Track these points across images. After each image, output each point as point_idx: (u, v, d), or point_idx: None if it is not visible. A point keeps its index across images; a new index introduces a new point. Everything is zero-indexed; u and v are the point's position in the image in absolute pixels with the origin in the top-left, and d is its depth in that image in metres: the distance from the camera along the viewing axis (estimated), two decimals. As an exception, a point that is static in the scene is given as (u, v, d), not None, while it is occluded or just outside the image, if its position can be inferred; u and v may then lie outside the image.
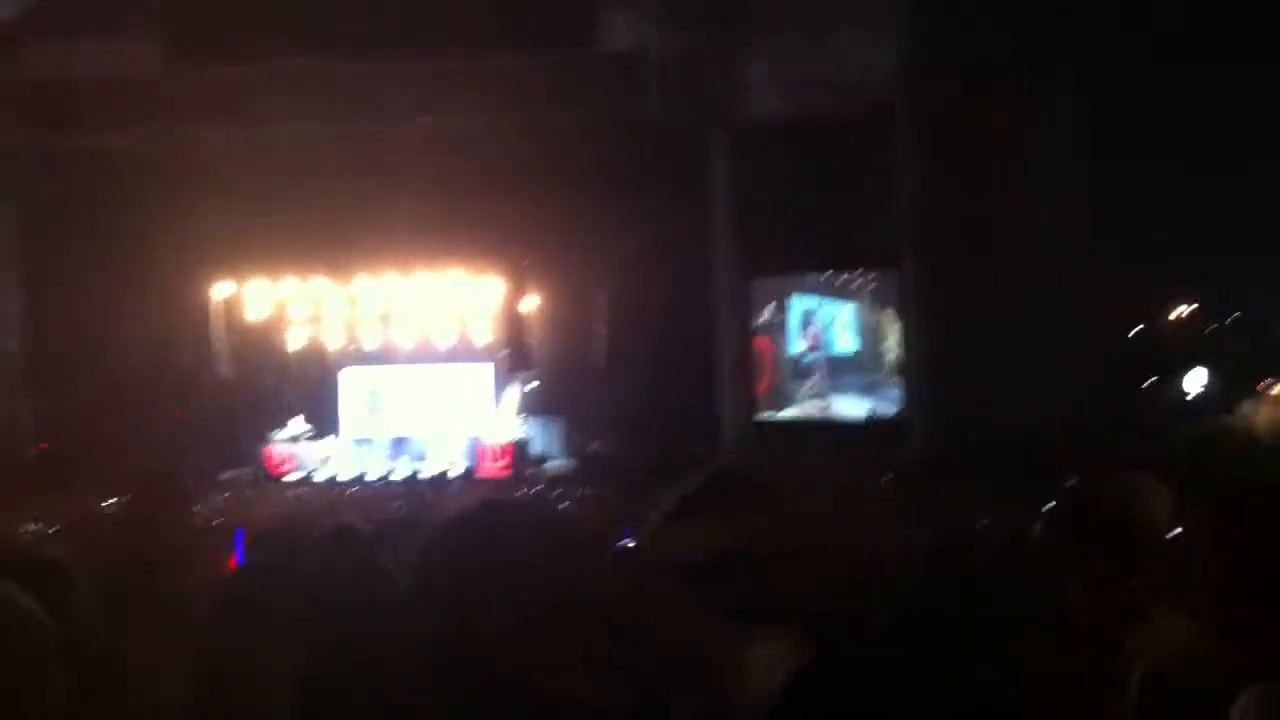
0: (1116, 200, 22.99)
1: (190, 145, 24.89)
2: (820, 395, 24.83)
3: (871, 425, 23.71)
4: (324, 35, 23.52)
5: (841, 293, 24.96)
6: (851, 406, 24.57)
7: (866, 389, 24.49)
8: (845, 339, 25.00)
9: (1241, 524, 2.80)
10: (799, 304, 25.43)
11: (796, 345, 25.40)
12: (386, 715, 2.39)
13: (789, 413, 25.08)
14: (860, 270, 24.20)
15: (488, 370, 26.88)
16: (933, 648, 3.57)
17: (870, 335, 24.52)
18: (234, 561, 5.13)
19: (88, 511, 16.34)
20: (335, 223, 24.76)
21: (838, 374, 24.90)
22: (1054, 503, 3.53)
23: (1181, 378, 29.30)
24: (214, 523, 15.14)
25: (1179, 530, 3.18)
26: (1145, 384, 28.93)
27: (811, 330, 25.29)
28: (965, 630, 3.78)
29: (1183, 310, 33.19)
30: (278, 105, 24.00)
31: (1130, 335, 31.75)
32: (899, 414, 23.29)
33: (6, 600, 1.56)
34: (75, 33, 24.14)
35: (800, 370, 25.34)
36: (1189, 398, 28.32)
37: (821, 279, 25.08)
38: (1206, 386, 28.57)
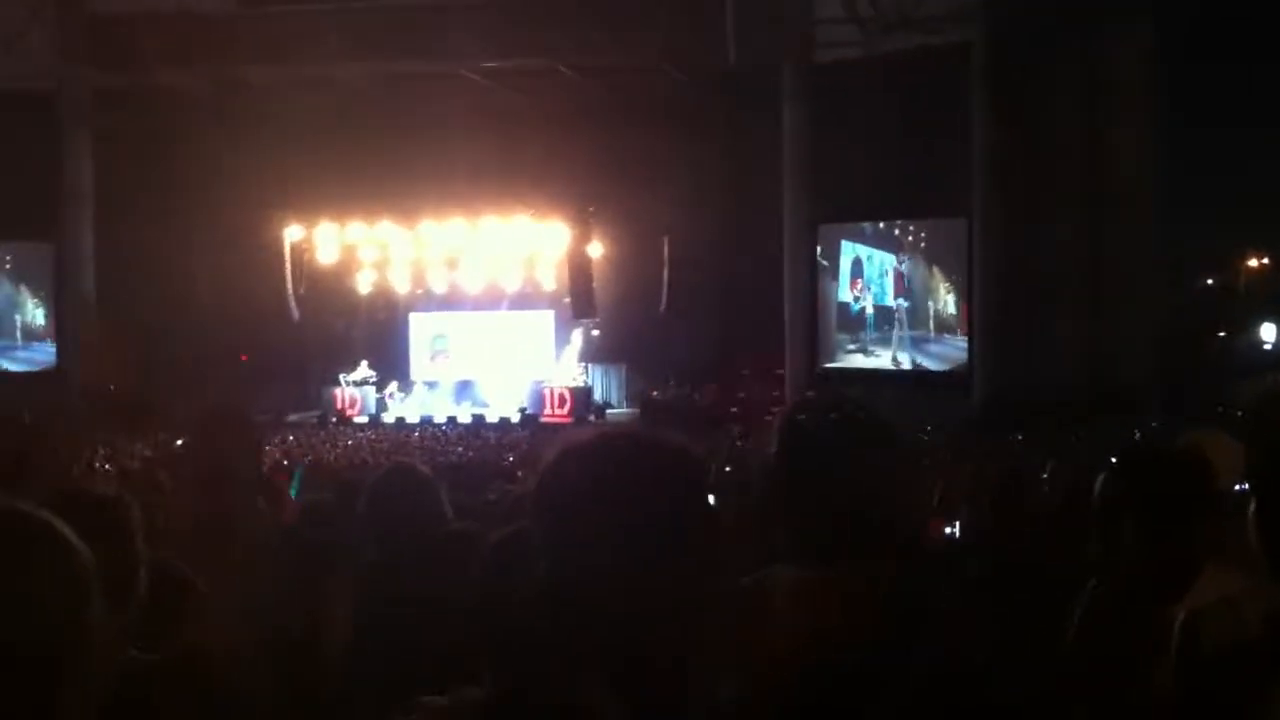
0: (1190, 152, 22.53)
1: (257, 86, 25.07)
2: (881, 346, 24.59)
3: (937, 376, 23.47)
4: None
5: (891, 245, 24.62)
6: (903, 359, 24.38)
7: (914, 343, 24.27)
8: (898, 290, 24.63)
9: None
10: (849, 251, 25.10)
11: (845, 293, 25.17)
12: (434, 651, 2.42)
13: (857, 361, 24.82)
14: (929, 218, 23.78)
15: (550, 317, 27.01)
16: (991, 586, 3.59)
17: (921, 290, 24.18)
18: (291, 499, 5.19)
19: (159, 447, 16.68)
20: (401, 167, 24.86)
21: (885, 325, 24.72)
22: (1120, 454, 3.48)
23: (1252, 332, 28.79)
24: (283, 462, 15.42)
25: (1244, 485, 3.13)
26: (1216, 337, 28.44)
27: (860, 280, 25.04)
28: (1023, 571, 3.77)
29: (1255, 263, 32.56)
30: (341, 45, 24.03)
31: (1202, 288, 31.23)
32: (963, 366, 22.99)
33: (47, 530, 1.58)
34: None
35: (851, 319, 25.18)
36: (1260, 352, 27.82)
37: (870, 230, 24.77)
38: (1277, 341, 28.06)
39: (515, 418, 24.87)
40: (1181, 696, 2.53)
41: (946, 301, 23.62)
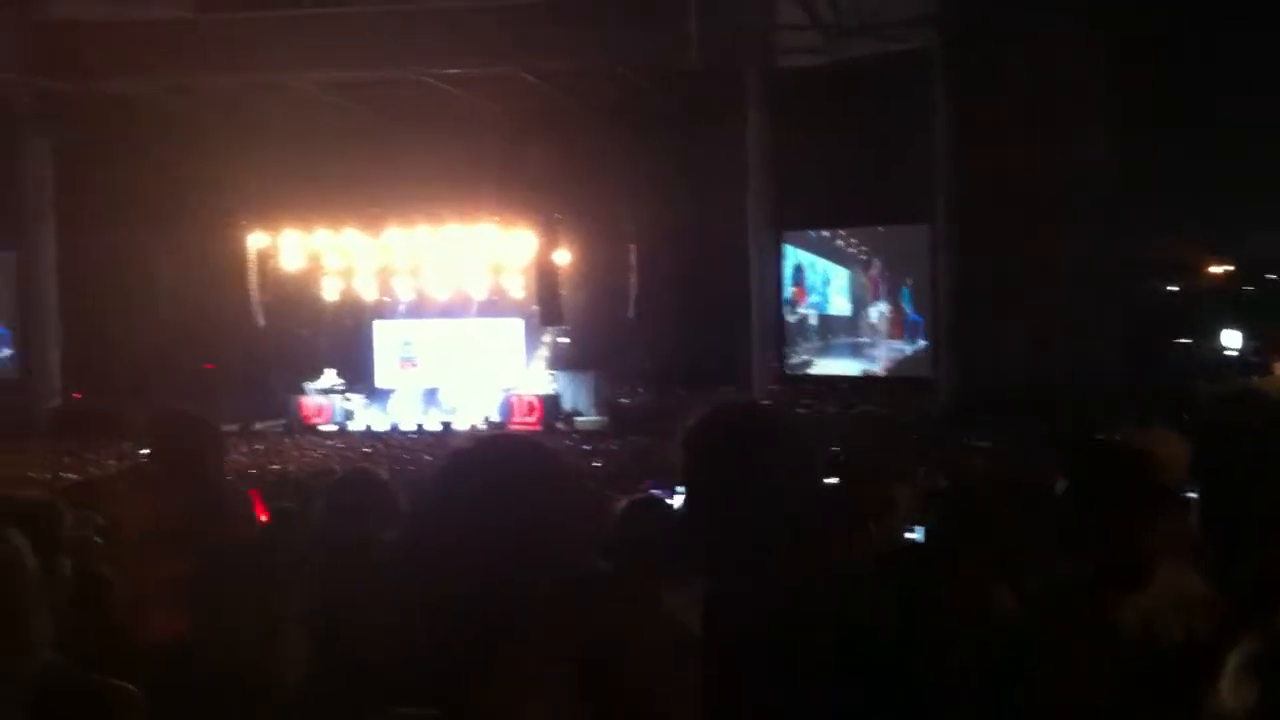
0: (1151, 155, 22.68)
1: (218, 93, 24.95)
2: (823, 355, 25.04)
3: (896, 380, 23.72)
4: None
5: (833, 254, 24.99)
6: (840, 366, 24.87)
7: (855, 350, 24.65)
8: (838, 301, 25.11)
9: (1255, 484, 2.80)
10: (792, 256, 25.52)
11: (787, 294, 25.53)
12: (391, 654, 2.42)
13: (821, 367, 25.08)
14: (892, 223, 23.99)
15: (519, 324, 26.98)
16: (943, 582, 3.61)
17: (860, 299, 24.61)
18: (255, 506, 5.16)
19: (124, 457, 16.58)
20: (366, 174, 24.78)
21: (830, 334, 25.17)
22: (1073, 450, 3.53)
23: (1214, 338, 29.03)
24: (248, 471, 15.36)
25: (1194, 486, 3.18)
26: (1176, 342, 28.69)
27: (801, 286, 25.35)
28: (974, 567, 3.80)
29: (1218, 270, 32.83)
30: (299, 52, 23.90)
31: (1165, 294, 31.47)
32: (923, 370, 23.24)
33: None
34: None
35: (791, 327, 25.60)
36: (1219, 358, 28.06)
37: (814, 236, 25.05)
38: (1237, 348, 28.30)
39: (483, 426, 24.81)
40: (1128, 696, 2.56)
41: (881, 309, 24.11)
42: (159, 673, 2.60)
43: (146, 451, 4.06)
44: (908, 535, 5.21)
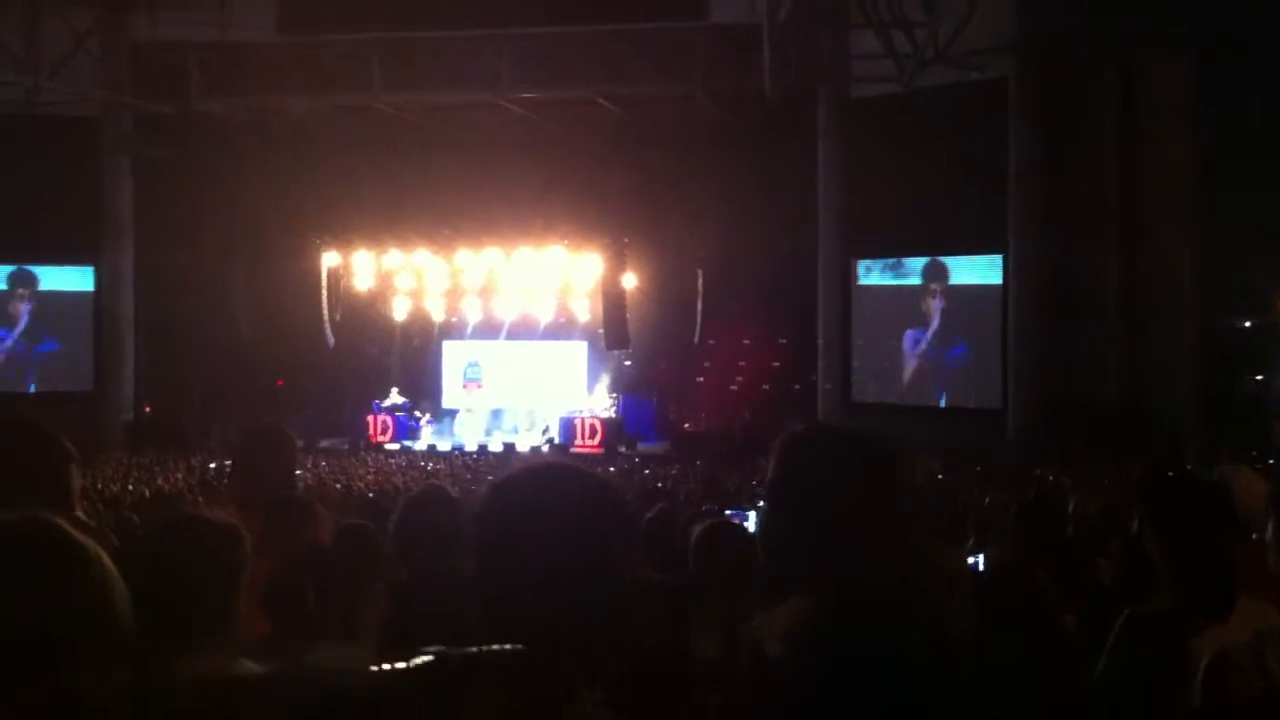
0: (1230, 186, 22.35)
1: (296, 115, 25.35)
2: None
3: (970, 411, 23.39)
4: (427, 7, 23.75)
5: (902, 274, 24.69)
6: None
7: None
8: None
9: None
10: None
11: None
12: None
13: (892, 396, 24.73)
14: (965, 253, 23.70)
15: (584, 347, 27.09)
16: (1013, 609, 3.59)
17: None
18: (326, 520, 5.21)
19: (194, 470, 16.82)
20: (438, 196, 25.06)
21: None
22: (1151, 483, 3.50)
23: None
24: (312, 486, 15.49)
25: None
26: (1254, 378, 28.20)
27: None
28: (1047, 596, 3.77)
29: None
30: (381, 75, 24.29)
31: (1240, 329, 30.95)
32: (993, 401, 22.94)
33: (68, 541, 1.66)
34: (186, 1, 24.67)
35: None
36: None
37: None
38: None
39: (545, 448, 24.87)
40: None
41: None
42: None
43: (214, 465, 4.13)
44: (969, 561, 5.18)
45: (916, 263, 24.22)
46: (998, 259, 22.72)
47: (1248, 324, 32.57)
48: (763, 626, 2.15)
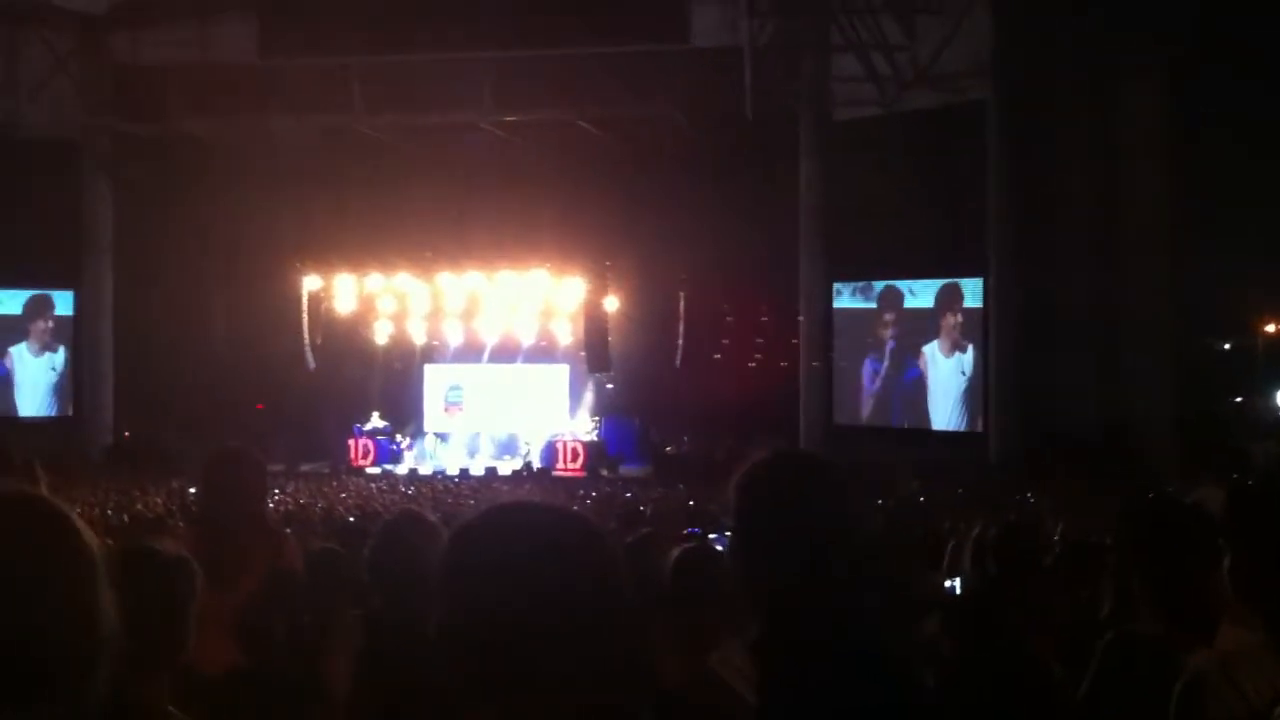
0: (1210, 209, 22.51)
1: (277, 137, 25.31)
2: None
3: (951, 434, 23.40)
4: (409, 30, 23.76)
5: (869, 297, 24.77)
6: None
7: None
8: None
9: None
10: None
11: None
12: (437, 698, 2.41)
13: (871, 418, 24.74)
14: (945, 276, 23.73)
15: (565, 370, 27.06)
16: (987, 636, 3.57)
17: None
18: (295, 546, 5.17)
19: (173, 496, 16.71)
20: (420, 219, 25.03)
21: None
22: (1131, 507, 3.49)
23: (1268, 396, 28.69)
24: (290, 509, 15.40)
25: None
26: (1231, 400, 28.35)
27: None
28: (1024, 622, 3.75)
29: (1272, 328, 32.46)
30: (362, 97, 24.29)
31: (1219, 352, 31.13)
32: (975, 421, 22.95)
33: (64, 517, 1.64)
34: (167, 21, 24.65)
35: None
36: (1275, 416, 27.71)
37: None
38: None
39: (525, 471, 24.80)
40: None
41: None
42: (215, 703, 2.60)
43: (193, 490, 4.09)
44: (946, 584, 5.16)
45: (878, 285, 24.34)
46: (978, 283, 22.77)
47: (1226, 346, 32.78)
48: (727, 659, 2.13)
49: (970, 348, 23.27)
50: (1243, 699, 2.29)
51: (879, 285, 24.30)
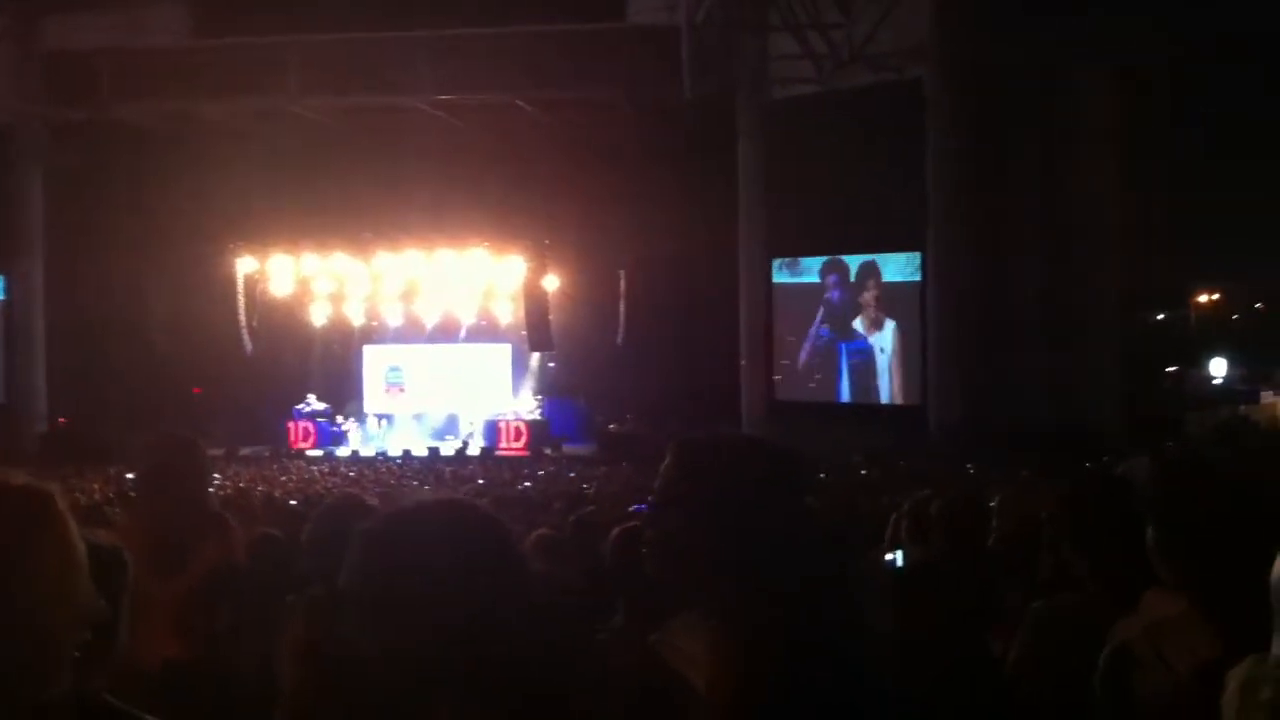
0: (1145, 186, 22.79)
1: (210, 119, 25.01)
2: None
3: (892, 409, 23.60)
4: (344, 8, 23.51)
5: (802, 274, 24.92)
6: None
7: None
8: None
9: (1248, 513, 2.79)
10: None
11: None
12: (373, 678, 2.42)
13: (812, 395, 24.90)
14: (884, 251, 23.89)
15: (507, 350, 26.99)
16: (936, 612, 3.62)
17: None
18: (239, 532, 5.13)
19: (112, 483, 16.50)
20: (357, 199, 24.80)
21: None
22: (1070, 484, 3.55)
23: (1203, 366, 29.15)
24: (230, 494, 15.26)
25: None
26: (1167, 371, 28.80)
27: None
28: (969, 597, 3.81)
29: (1205, 299, 32.97)
30: (298, 78, 24.05)
31: (1154, 322, 31.59)
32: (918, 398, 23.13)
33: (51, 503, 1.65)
34: (98, 5, 24.26)
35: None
36: (1210, 386, 28.18)
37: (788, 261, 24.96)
38: (1227, 376, 28.41)
39: (472, 451, 24.74)
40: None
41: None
42: (153, 695, 2.58)
43: (131, 476, 4.05)
44: (888, 558, 5.22)
45: (814, 261, 24.46)
46: (917, 256, 22.94)
47: (1160, 316, 33.26)
48: (665, 639, 2.13)
49: (889, 323, 23.51)
50: (1168, 668, 2.34)
51: (817, 262, 24.43)
